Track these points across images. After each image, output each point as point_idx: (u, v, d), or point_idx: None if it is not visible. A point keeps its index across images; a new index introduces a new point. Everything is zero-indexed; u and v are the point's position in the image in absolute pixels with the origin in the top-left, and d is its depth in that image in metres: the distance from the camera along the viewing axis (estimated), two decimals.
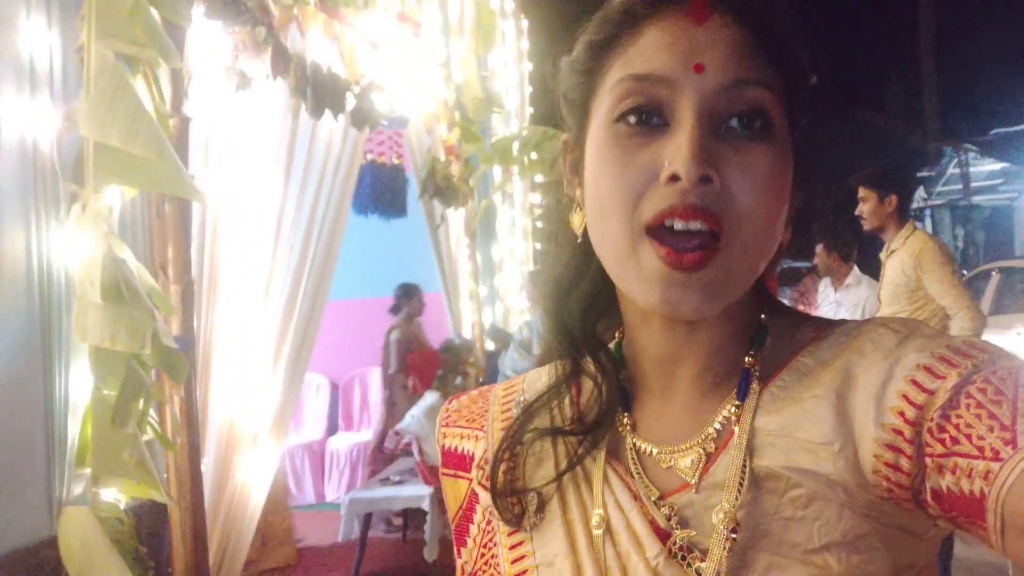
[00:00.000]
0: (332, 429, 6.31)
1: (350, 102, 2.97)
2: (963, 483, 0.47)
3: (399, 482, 4.21)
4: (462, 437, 0.69)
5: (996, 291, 6.78)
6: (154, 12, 1.73)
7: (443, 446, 0.71)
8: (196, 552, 2.03)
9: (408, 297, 5.06)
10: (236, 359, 2.45)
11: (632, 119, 0.54)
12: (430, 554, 3.91)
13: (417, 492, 4.04)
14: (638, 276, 0.54)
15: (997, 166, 12.95)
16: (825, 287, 4.86)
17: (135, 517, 1.79)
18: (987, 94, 14.86)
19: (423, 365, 4.95)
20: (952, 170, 13.46)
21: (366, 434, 6.07)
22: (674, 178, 0.51)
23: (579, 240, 0.61)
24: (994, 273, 7.03)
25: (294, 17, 2.69)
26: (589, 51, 0.58)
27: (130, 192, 1.78)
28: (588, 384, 0.64)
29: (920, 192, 14.47)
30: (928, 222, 14.94)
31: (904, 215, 3.34)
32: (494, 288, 6.35)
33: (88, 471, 1.72)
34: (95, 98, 1.57)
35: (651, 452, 0.59)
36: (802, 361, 0.57)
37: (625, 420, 0.62)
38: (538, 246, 7.03)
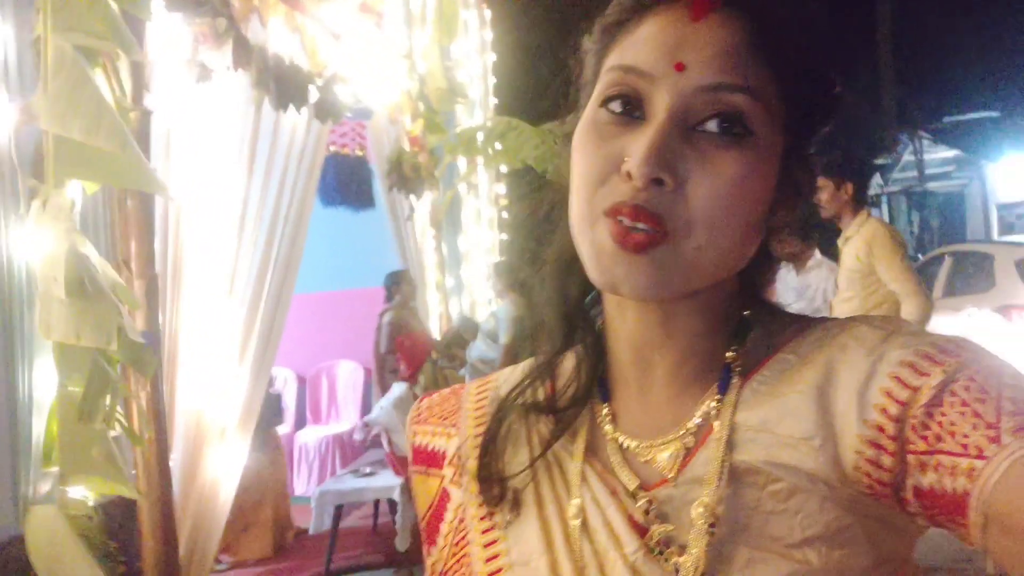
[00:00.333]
0: (300, 423, 6.29)
1: (313, 94, 2.96)
2: (946, 481, 0.47)
3: (369, 473, 4.22)
4: (434, 434, 0.69)
5: (948, 275, 6.98)
6: (113, 4, 1.71)
7: (414, 443, 0.70)
8: (166, 546, 2.03)
9: (397, 284, 5.08)
10: (202, 353, 2.44)
11: (615, 107, 0.55)
12: (401, 544, 3.93)
13: (387, 483, 4.06)
14: (590, 251, 0.55)
15: (950, 153, 13.29)
16: (784, 272, 4.94)
17: (104, 513, 1.78)
18: (940, 83, 15.22)
19: (412, 349, 4.95)
20: (907, 157, 13.78)
21: (335, 427, 6.06)
22: (629, 175, 0.52)
23: None
24: (946, 257, 7.24)
25: (255, 8, 2.67)
26: (601, 33, 0.59)
27: (91, 187, 1.77)
28: (564, 374, 0.64)
29: (877, 179, 14.80)
30: (885, 208, 15.27)
31: (859, 203, 3.43)
32: (460, 279, 6.37)
33: (55, 469, 1.71)
34: (55, 92, 1.55)
35: (629, 446, 0.59)
36: (784, 357, 0.57)
37: (604, 412, 0.61)
38: (504, 236, 7.06)
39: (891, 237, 3.34)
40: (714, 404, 0.57)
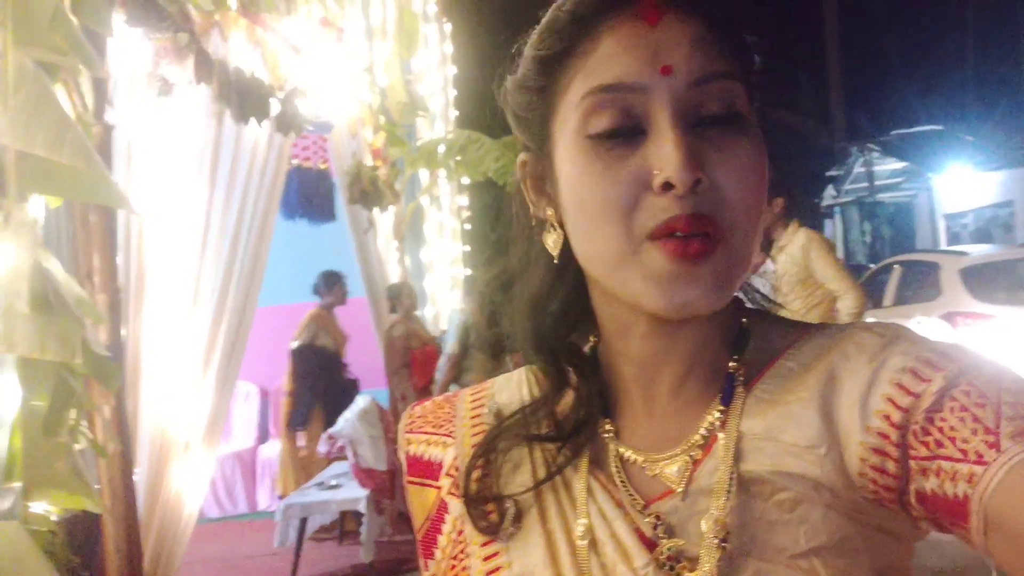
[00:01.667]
0: (263, 437, 6.23)
1: (274, 107, 2.98)
2: (947, 486, 0.48)
3: (335, 486, 4.21)
4: (429, 443, 0.66)
5: (897, 284, 7.18)
6: (74, 20, 1.72)
7: (408, 453, 0.67)
8: (130, 561, 2.02)
9: (398, 295, 5.05)
10: (166, 367, 2.43)
11: (604, 129, 0.53)
12: (366, 555, 3.93)
13: (353, 495, 4.06)
14: (641, 276, 0.53)
15: (899, 165, 13.71)
16: None
17: (67, 528, 1.77)
18: (888, 97, 15.76)
19: (425, 361, 4.93)
20: (858, 169, 14.18)
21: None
22: (667, 186, 0.51)
23: (556, 261, 0.60)
24: (895, 267, 7.45)
25: (216, 23, 2.69)
26: (539, 67, 0.56)
27: (54, 201, 1.77)
28: (565, 397, 0.63)
29: (829, 190, 15.22)
30: (838, 218, 15.67)
31: (789, 215, 3.77)
32: (424, 290, 6.39)
33: (16, 485, 1.70)
34: (17, 107, 1.56)
35: (635, 460, 0.58)
36: (785, 364, 0.57)
37: (608, 427, 0.61)
38: (467, 248, 7.11)
39: (823, 241, 3.75)
40: (718, 415, 0.56)
